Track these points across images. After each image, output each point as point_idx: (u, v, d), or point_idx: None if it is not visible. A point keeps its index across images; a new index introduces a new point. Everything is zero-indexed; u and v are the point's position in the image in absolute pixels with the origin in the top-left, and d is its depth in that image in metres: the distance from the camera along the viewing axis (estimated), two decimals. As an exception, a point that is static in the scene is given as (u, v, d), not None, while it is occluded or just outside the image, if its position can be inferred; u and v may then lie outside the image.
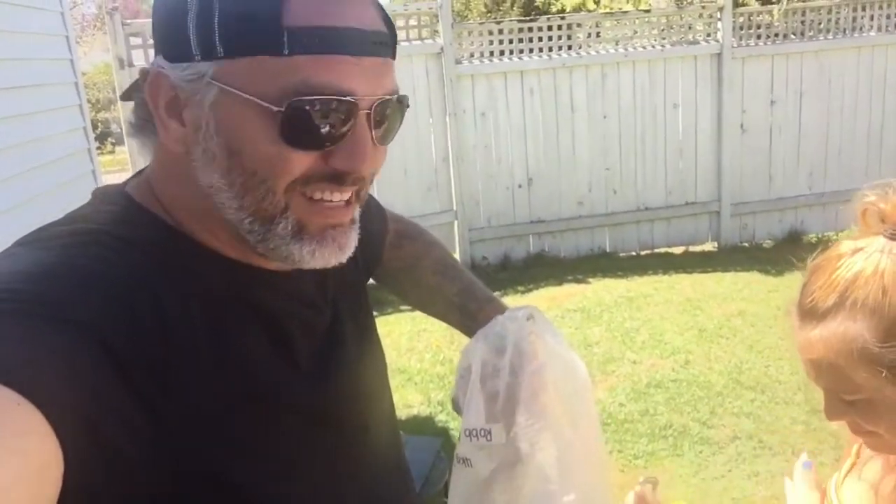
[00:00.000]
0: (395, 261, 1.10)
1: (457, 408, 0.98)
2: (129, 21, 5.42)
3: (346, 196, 0.72)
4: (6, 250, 0.69)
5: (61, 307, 0.60)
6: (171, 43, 0.69)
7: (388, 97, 0.71)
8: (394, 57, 0.74)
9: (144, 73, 0.71)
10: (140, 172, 0.80)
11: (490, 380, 0.91)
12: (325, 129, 0.67)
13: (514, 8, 13.43)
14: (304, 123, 0.66)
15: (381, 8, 0.73)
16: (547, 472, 0.89)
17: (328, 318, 0.85)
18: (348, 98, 0.67)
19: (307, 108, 0.66)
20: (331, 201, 0.71)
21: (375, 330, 0.99)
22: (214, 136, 0.68)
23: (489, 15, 13.28)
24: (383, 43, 0.71)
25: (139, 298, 0.66)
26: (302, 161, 0.68)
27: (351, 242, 0.75)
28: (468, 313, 1.06)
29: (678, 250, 6.60)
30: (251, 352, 0.74)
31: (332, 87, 0.66)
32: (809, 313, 0.89)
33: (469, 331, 1.04)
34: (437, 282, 1.11)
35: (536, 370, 0.90)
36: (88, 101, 4.87)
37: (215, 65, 0.66)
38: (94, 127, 5.79)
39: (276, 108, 0.65)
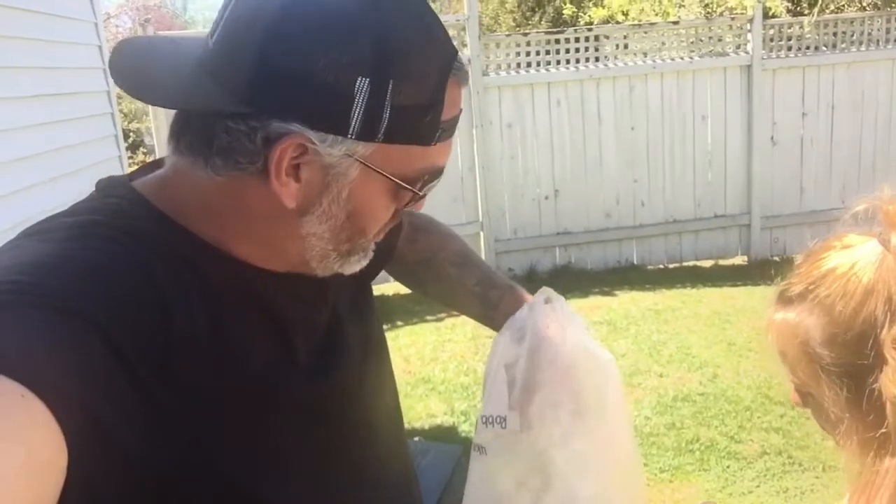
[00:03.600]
0: (412, 254, 1.09)
1: None
2: (162, 33, 5.53)
3: None
4: (11, 242, 0.69)
5: (64, 299, 0.60)
6: (318, 113, 0.65)
7: None
8: None
9: (278, 131, 0.65)
10: (150, 167, 0.78)
11: (510, 368, 0.90)
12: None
13: (543, 22, 13.44)
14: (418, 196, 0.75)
15: None
16: (561, 464, 0.87)
17: (328, 316, 0.84)
18: None
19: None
20: None
21: (380, 329, 0.97)
22: (344, 203, 0.71)
23: (518, 29, 13.30)
24: None
25: (142, 291, 0.65)
26: None
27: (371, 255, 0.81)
28: (490, 303, 1.04)
29: (707, 263, 6.51)
30: (250, 346, 0.73)
31: (443, 167, 0.75)
32: (781, 296, 0.87)
33: (491, 321, 1.03)
34: (457, 273, 1.09)
35: (553, 358, 0.88)
36: (121, 111, 4.96)
37: (369, 146, 0.68)
38: (126, 137, 5.90)
39: (419, 193, 0.74)
